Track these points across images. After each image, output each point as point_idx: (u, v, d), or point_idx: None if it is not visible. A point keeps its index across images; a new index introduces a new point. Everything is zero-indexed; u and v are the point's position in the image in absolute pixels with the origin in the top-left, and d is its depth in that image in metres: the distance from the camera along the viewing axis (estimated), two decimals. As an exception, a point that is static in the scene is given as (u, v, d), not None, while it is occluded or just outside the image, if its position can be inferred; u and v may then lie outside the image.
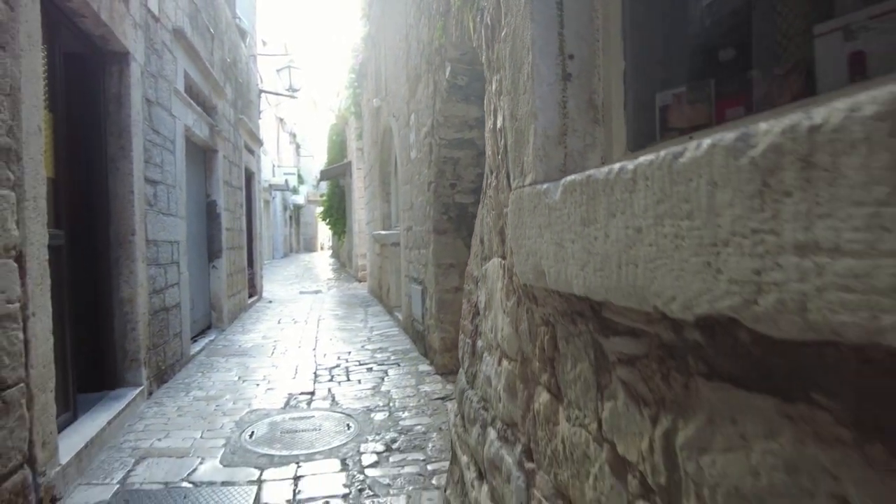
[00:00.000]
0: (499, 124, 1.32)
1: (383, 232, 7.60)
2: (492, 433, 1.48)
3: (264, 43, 16.94)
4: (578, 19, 1.03)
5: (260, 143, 9.62)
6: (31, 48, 2.29)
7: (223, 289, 6.46)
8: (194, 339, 5.49)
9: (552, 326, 1.05)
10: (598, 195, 0.77)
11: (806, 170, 0.43)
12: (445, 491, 2.26)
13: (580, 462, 0.93)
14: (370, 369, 4.60)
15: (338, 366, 4.75)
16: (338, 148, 14.67)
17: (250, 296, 8.55)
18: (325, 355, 5.16)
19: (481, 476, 1.60)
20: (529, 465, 1.18)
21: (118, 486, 2.55)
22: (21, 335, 2.12)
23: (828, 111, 0.41)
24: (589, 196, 0.80)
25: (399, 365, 4.71)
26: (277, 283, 12.90)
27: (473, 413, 1.68)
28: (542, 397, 1.11)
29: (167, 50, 4.57)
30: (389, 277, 7.59)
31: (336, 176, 14.36)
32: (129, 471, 2.71)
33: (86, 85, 3.52)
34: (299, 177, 25.73)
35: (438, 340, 4.39)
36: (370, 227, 9.67)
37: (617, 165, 0.72)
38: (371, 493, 2.45)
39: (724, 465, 0.58)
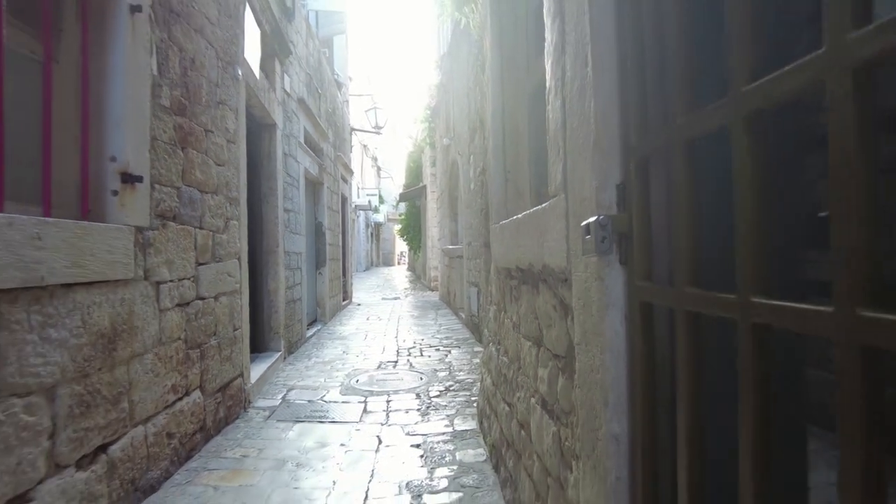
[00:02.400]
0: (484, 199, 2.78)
1: (451, 246, 9.13)
2: (492, 346, 2.90)
3: (350, 79, 19.19)
4: (511, 158, 2.45)
5: (352, 172, 11.50)
6: (242, 138, 3.99)
7: (326, 291, 8.22)
8: (308, 327, 7.22)
9: (502, 283, 2.47)
10: (504, 229, 2.21)
11: (516, 226, 1.87)
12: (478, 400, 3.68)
13: (507, 332, 2.34)
14: (437, 349, 6.10)
15: (414, 346, 6.28)
16: (414, 173, 16.47)
17: (343, 299, 10.34)
18: (404, 341, 6.71)
19: (490, 375, 3.02)
20: (499, 347, 2.58)
21: (280, 400, 4.18)
22: (240, 302, 3.79)
23: (514, 218, 1.85)
24: (503, 228, 2.24)
25: (459, 347, 6.17)
26: (362, 291, 14.78)
27: (486, 340, 3.09)
28: (502, 315, 2.53)
29: (294, 114, 6.36)
30: (455, 285, 9.08)
31: (413, 198, 16.16)
32: (285, 394, 4.33)
33: (251, 147, 5.28)
34: (380, 197, 28.01)
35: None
36: (441, 242, 11.24)
37: (505, 220, 2.16)
38: (434, 408, 3.91)
39: (522, 307, 2.00)
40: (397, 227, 25.58)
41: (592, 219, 1.05)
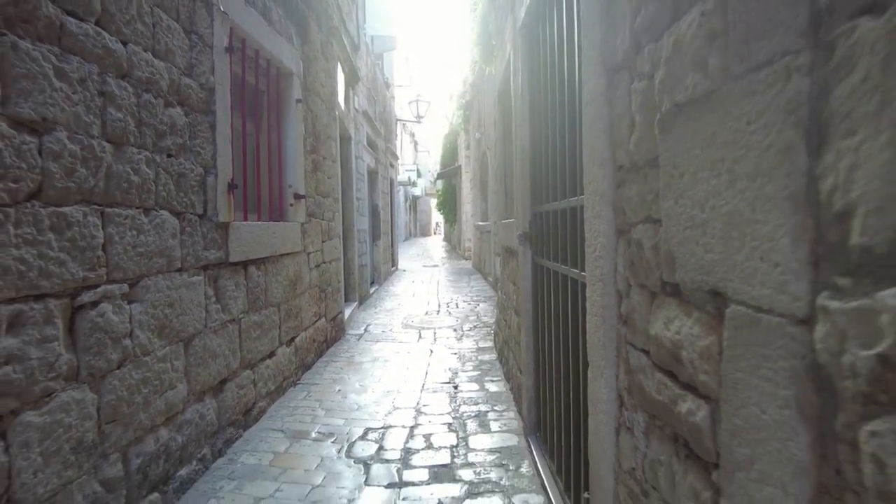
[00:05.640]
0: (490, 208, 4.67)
1: (481, 223, 11.02)
2: (499, 291, 4.84)
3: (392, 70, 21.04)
4: (509, 184, 4.30)
5: (397, 158, 13.43)
6: (338, 157, 5.96)
7: (381, 259, 10.28)
8: (369, 286, 9.30)
9: (503, 254, 4.38)
10: (504, 225, 4.12)
11: (508, 225, 3.79)
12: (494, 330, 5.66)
13: (505, 281, 4.26)
14: (469, 303, 8.09)
15: (451, 301, 8.29)
16: (450, 154, 18.29)
17: (392, 266, 12.41)
18: (443, 297, 8.73)
19: (498, 308, 4.97)
20: (502, 289, 4.51)
21: (363, 330, 6.25)
22: (340, 265, 5.83)
23: (507, 220, 3.77)
24: (503, 225, 4.15)
25: (486, 301, 8.15)
26: (405, 259, 16.88)
27: (498, 289, 5.02)
28: (503, 272, 4.44)
29: (360, 124, 8.30)
30: (485, 255, 11.01)
31: (449, 176, 18.02)
32: (365, 327, 6.40)
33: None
34: (418, 171, 29.94)
35: (507, 287, 7.75)
36: (473, 218, 13.14)
37: (505, 220, 4.08)
38: (466, 336, 5.90)
39: (510, 266, 3.93)
40: (434, 200, 27.54)
41: (520, 231, 2.97)
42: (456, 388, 4.14)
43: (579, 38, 1.84)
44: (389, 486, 2.64)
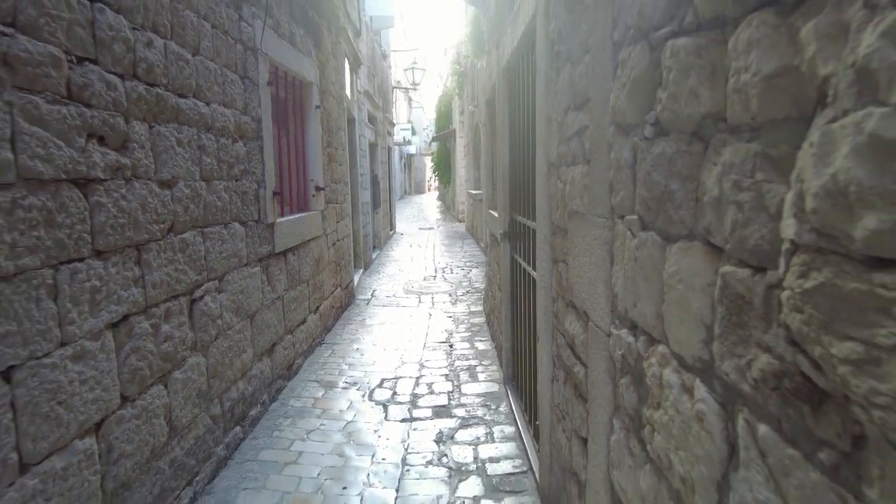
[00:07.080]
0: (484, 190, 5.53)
1: (473, 191, 11.83)
2: (488, 267, 5.76)
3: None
4: (495, 178, 5.14)
5: (394, 125, 14.06)
6: (347, 144, 6.73)
7: (381, 225, 11.14)
8: (371, 251, 10.20)
9: (490, 238, 5.26)
10: (490, 215, 4.99)
11: (494, 216, 4.67)
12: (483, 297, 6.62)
13: (492, 260, 5.17)
14: (462, 269, 9.03)
15: (446, 267, 9.23)
16: (445, 117, 18.84)
17: (390, 230, 13.28)
18: (439, 263, 9.66)
19: (487, 280, 5.90)
20: (490, 266, 5.42)
21: (370, 295, 7.19)
22: (350, 241, 6.71)
23: (493, 212, 4.65)
24: (488, 215, 5.02)
25: (478, 267, 9.09)
26: (402, 221, 17.72)
27: (487, 264, 5.96)
28: (491, 249, 5.34)
29: (361, 103, 8.98)
30: (477, 220, 11.86)
31: (444, 139, 18.64)
32: (372, 293, 7.35)
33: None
34: (412, 130, 30.34)
35: (496, 254, 8.66)
36: (467, 184, 13.92)
37: (492, 210, 4.96)
38: (460, 300, 6.86)
39: (496, 249, 4.83)
40: (428, 158, 28.09)
41: (501, 230, 3.85)
42: (451, 346, 5.11)
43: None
44: (403, 420, 3.62)
